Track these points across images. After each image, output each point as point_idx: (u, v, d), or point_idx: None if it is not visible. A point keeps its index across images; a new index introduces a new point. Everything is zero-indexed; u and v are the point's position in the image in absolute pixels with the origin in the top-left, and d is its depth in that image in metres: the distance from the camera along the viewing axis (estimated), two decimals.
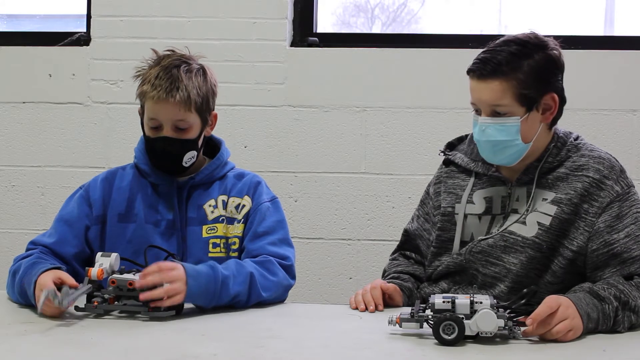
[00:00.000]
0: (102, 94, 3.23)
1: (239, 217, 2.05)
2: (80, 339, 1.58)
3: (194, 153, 2.02)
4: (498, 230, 1.91)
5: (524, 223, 1.88)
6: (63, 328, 1.67)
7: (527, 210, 1.88)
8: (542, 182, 1.90)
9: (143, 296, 1.72)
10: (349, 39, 3.33)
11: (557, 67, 1.88)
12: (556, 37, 1.94)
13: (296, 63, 3.18)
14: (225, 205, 2.05)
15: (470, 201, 1.97)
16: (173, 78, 1.96)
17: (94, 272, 1.73)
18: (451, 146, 2.10)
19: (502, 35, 1.92)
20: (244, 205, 2.06)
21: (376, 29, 3.74)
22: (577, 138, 1.96)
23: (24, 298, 1.85)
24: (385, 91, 3.15)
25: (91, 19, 3.24)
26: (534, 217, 1.87)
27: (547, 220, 1.86)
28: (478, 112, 1.89)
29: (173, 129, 1.98)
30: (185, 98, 1.95)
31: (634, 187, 1.90)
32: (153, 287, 1.73)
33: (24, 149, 3.27)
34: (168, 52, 2.05)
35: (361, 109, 3.16)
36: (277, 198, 2.12)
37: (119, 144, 3.21)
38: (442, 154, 2.07)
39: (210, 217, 2.04)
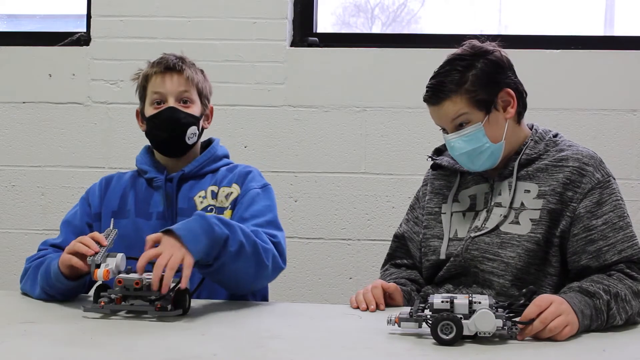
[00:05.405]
0: (102, 94, 3.23)
1: (226, 204, 2.07)
2: (80, 339, 1.58)
3: (195, 129, 2.09)
4: (482, 223, 1.94)
5: (517, 223, 1.91)
6: (63, 328, 1.67)
7: (511, 201, 1.92)
8: (523, 174, 1.95)
9: (157, 286, 1.69)
10: (349, 39, 3.34)
11: (501, 66, 1.95)
12: (495, 37, 2.05)
13: (296, 63, 3.18)
14: (215, 195, 2.09)
15: (455, 200, 2.03)
16: (177, 56, 2.10)
17: (99, 273, 1.73)
18: (438, 152, 2.16)
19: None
20: (231, 193, 2.09)
21: (376, 29, 3.74)
22: (555, 135, 2.02)
23: (48, 283, 1.89)
24: (385, 91, 3.15)
25: (91, 19, 3.25)
26: (526, 215, 1.91)
27: (536, 215, 1.90)
28: (445, 131, 1.96)
29: (177, 102, 2.07)
30: (190, 73, 2.08)
31: (613, 178, 1.94)
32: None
33: (24, 149, 3.28)
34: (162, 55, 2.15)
35: (361, 109, 3.16)
36: (270, 185, 2.13)
37: (119, 144, 3.21)
38: (430, 159, 2.12)
39: (200, 207, 2.07)
